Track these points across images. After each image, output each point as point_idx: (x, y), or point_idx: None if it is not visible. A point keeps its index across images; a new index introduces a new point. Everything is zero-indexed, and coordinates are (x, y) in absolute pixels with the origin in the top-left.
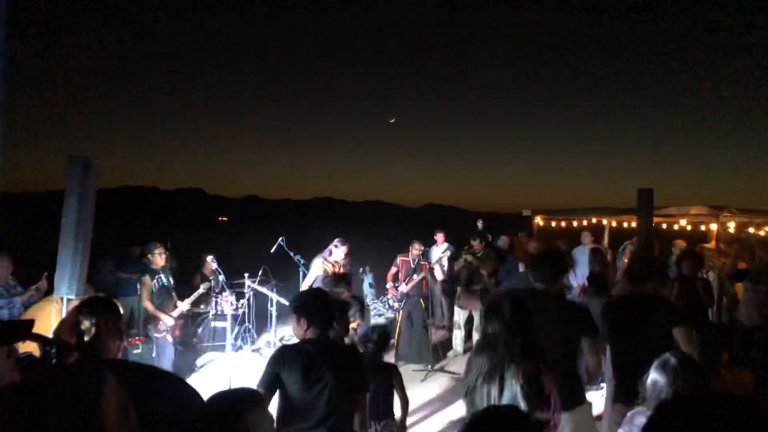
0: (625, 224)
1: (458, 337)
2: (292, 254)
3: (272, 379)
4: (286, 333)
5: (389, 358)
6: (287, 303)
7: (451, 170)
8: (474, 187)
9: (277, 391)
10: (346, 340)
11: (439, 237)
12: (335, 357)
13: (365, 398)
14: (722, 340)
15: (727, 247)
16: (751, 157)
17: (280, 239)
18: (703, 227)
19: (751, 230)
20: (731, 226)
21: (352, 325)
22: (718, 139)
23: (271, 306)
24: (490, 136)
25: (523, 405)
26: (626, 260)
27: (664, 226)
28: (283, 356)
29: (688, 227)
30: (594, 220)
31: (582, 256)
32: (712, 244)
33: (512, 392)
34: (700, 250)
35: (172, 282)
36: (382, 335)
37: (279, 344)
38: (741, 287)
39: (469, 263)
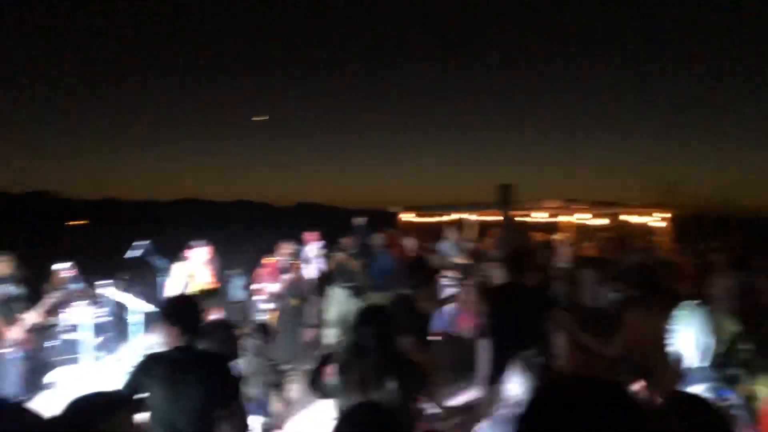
0: (488, 218)
1: (329, 336)
2: (153, 258)
3: (136, 387)
4: (150, 342)
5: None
6: (151, 310)
7: (322, 168)
8: (345, 184)
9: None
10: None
11: (310, 236)
12: (203, 366)
13: (237, 407)
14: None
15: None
16: (599, 154)
17: (141, 243)
18: (557, 219)
19: (598, 221)
20: (580, 217)
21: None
22: (571, 136)
23: (133, 313)
24: (359, 132)
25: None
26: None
27: (522, 219)
28: (148, 364)
29: (545, 220)
30: (457, 215)
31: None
32: (564, 235)
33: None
34: (554, 241)
35: (19, 292)
36: (265, 328)
37: (142, 354)
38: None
39: (341, 261)
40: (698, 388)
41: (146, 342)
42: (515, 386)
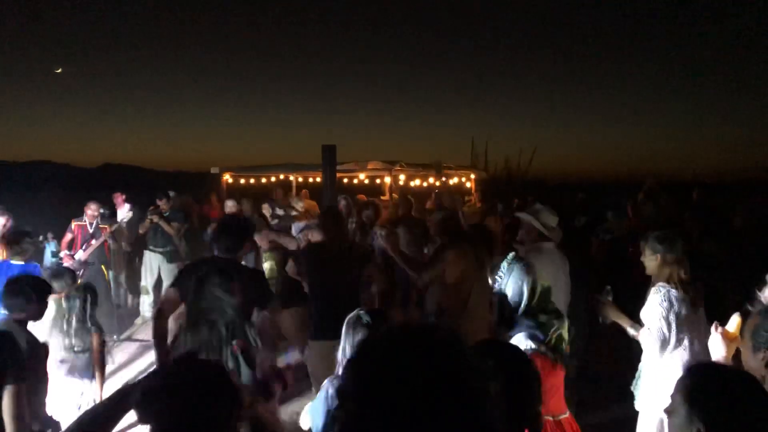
0: (311, 179)
1: (146, 302)
2: None
3: None
4: None
5: None
6: None
7: (132, 127)
8: (157, 145)
9: None
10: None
11: (119, 199)
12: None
13: (16, 389)
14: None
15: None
16: (422, 118)
17: None
18: (378, 180)
19: (417, 182)
20: (401, 178)
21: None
22: (395, 100)
23: None
24: (171, 88)
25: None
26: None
27: (346, 180)
28: None
29: (366, 181)
30: (282, 176)
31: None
32: (386, 197)
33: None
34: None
35: None
36: (91, 290)
37: None
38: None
39: (155, 224)
40: (516, 334)
41: None
42: (345, 345)
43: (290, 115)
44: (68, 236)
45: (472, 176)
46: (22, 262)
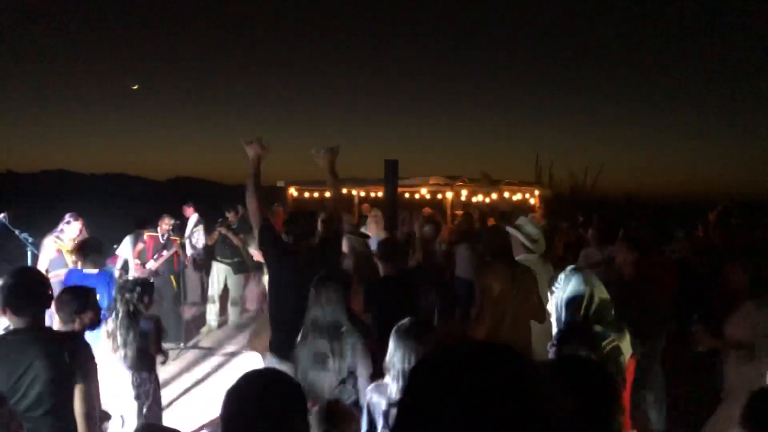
0: (373, 194)
1: (212, 311)
2: (17, 232)
3: None
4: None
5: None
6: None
7: (202, 142)
8: (226, 158)
9: None
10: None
11: (188, 210)
12: (51, 346)
13: (87, 388)
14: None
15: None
16: (485, 132)
17: (1, 215)
18: (439, 196)
19: (480, 198)
20: (464, 194)
21: None
22: (455, 113)
23: None
24: (239, 104)
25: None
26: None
27: (407, 195)
28: None
29: (428, 196)
30: (345, 191)
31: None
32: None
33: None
34: (435, 217)
35: None
36: (144, 285)
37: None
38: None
39: (224, 236)
40: (569, 347)
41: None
42: (393, 355)
43: (353, 129)
44: (140, 246)
45: (536, 192)
46: (96, 271)
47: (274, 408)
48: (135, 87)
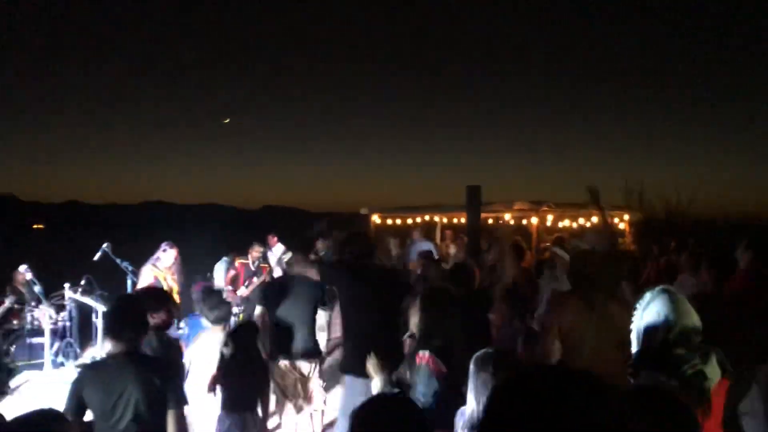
0: (456, 220)
1: None
2: (118, 261)
3: (75, 402)
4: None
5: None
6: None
7: (289, 171)
8: (312, 187)
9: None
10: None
11: (272, 240)
12: (144, 371)
13: (180, 413)
14: None
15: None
16: (566, 156)
17: (104, 245)
18: (524, 221)
19: (566, 223)
20: (549, 219)
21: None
22: (538, 138)
23: (96, 317)
24: (326, 135)
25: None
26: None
27: (491, 221)
28: (84, 375)
29: (512, 222)
30: (427, 217)
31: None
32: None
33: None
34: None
35: None
36: (249, 325)
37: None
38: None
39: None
40: (646, 372)
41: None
42: (474, 383)
43: (436, 156)
44: (232, 273)
45: (626, 217)
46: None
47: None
48: (226, 121)
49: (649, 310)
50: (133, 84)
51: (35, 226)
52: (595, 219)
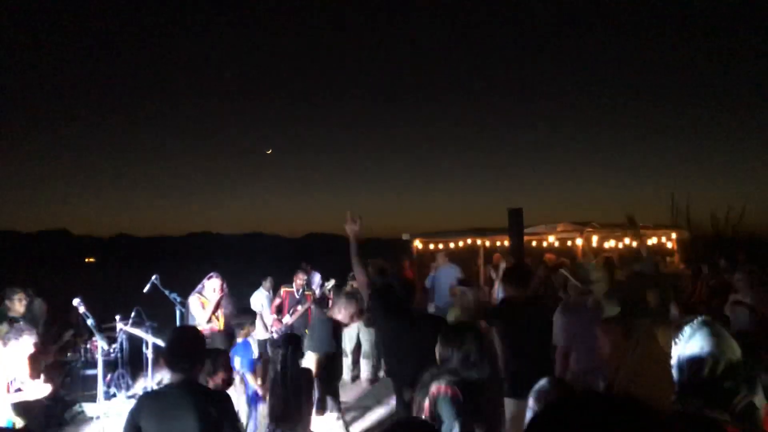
0: (498, 243)
1: (345, 365)
2: (167, 292)
3: (132, 430)
4: (165, 377)
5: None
6: (163, 345)
7: (331, 198)
8: (355, 214)
9: None
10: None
11: (308, 268)
12: (200, 401)
13: None
14: None
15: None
16: (610, 175)
17: (153, 277)
18: (569, 243)
19: (612, 243)
20: (594, 240)
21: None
22: (581, 158)
23: (147, 349)
24: (365, 161)
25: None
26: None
27: (534, 243)
28: (141, 405)
29: (556, 243)
30: (469, 241)
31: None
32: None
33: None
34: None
35: (34, 329)
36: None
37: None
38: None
39: (354, 290)
40: (693, 404)
41: (160, 377)
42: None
43: (477, 179)
44: (277, 301)
45: (674, 236)
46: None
47: None
48: (269, 152)
49: (690, 344)
50: (177, 120)
51: (87, 260)
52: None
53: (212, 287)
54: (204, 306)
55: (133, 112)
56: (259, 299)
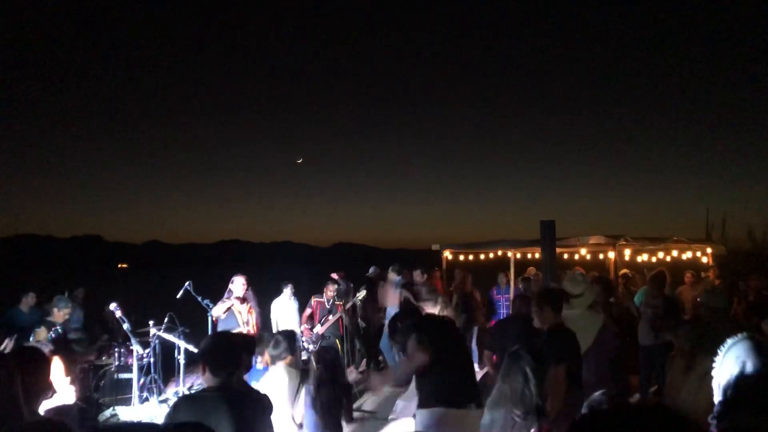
0: (529, 255)
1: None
2: (199, 299)
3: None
4: (196, 382)
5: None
6: (196, 350)
7: (360, 208)
8: (383, 224)
9: None
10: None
11: (337, 276)
12: (237, 406)
13: None
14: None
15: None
16: (644, 188)
17: (186, 284)
18: (601, 256)
19: (645, 257)
20: (627, 253)
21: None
22: (614, 171)
23: (179, 354)
24: (396, 172)
25: None
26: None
27: (566, 256)
28: (177, 408)
29: (588, 256)
30: (500, 253)
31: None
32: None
33: None
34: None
35: (71, 336)
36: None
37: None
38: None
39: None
40: (742, 419)
41: (191, 382)
42: None
43: (508, 191)
44: (308, 311)
45: (709, 251)
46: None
47: None
48: (299, 161)
49: (732, 359)
50: (210, 132)
51: (120, 266)
52: (675, 253)
53: (237, 288)
54: (232, 310)
55: (168, 124)
56: (281, 307)
